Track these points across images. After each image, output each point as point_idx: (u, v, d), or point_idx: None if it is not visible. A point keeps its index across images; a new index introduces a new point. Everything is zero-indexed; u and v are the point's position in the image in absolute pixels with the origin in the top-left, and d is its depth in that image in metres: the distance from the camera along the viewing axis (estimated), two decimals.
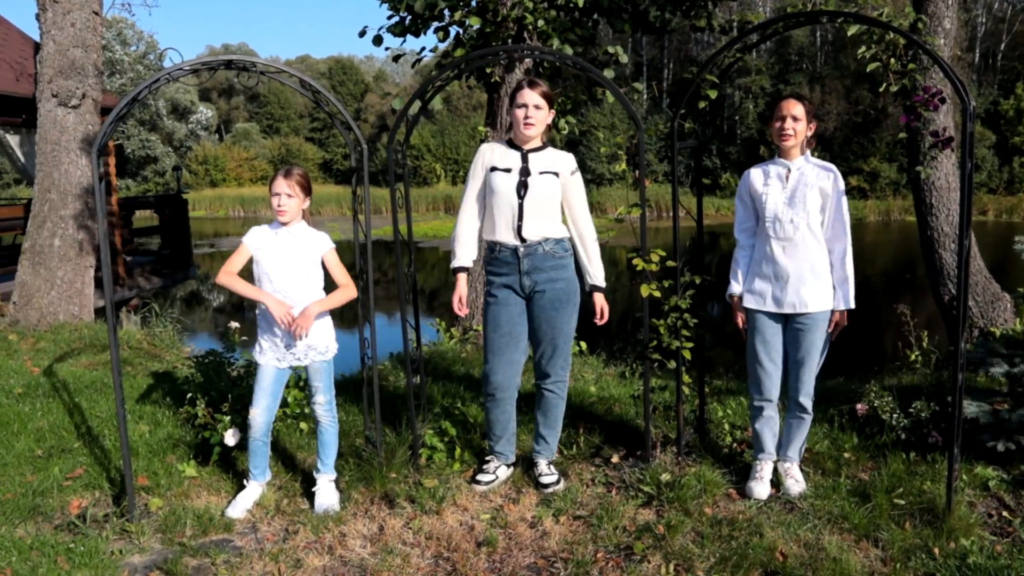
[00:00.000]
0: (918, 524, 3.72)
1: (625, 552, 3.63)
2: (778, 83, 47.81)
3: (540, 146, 4.14)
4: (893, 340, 6.92)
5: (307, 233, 4.05)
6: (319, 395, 4.15)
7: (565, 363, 4.25)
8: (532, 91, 4.01)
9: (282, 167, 4.05)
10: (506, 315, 4.14)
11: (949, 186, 6.78)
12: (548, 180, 4.05)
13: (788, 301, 3.94)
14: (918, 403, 4.53)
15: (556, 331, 4.15)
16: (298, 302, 3.99)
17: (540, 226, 4.06)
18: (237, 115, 72.90)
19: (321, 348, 4.08)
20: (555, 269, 4.09)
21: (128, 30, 50.80)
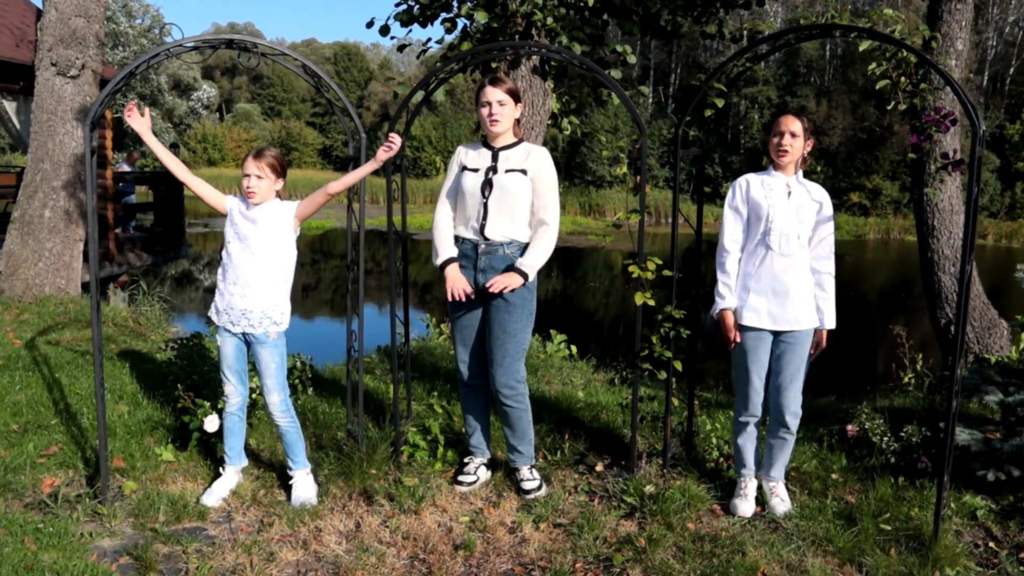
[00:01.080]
0: (903, 551, 3.66)
1: (604, 564, 3.56)
2: (785, 95, 47.84)
3: (513, 143, 4.06)
4: (886, 360, 6.89)
5: (273, 210, 3.92)
6: (272, 394, 3.98)
7: (517, 373, 4.07)
8: (495, 88, 3.96)
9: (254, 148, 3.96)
10: (465, 307, 4.13)
11: (952, 208, 6.74)
12: (514, 178, 3.96)
13: (785, 318, 3.88)
14: (909, 427, 4.48)
15: (507, 336, 4.02)
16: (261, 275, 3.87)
17: (504, 227, 3.98)
18: (239, 95, 72.66)
19: (277, 317, 3.93)
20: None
21: (134, 2, 50.53)
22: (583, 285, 22.57)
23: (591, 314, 18.89)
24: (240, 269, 3.90)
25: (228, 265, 3.93)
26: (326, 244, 31.10)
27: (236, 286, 3.90)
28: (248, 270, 3.89)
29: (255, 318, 3.90)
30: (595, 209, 44.52)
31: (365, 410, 4.48)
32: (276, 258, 3.92)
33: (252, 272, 3.89)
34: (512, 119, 4.01)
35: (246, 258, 3.89)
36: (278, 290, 3.94)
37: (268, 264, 3.91)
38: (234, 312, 3.91)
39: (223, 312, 3.94)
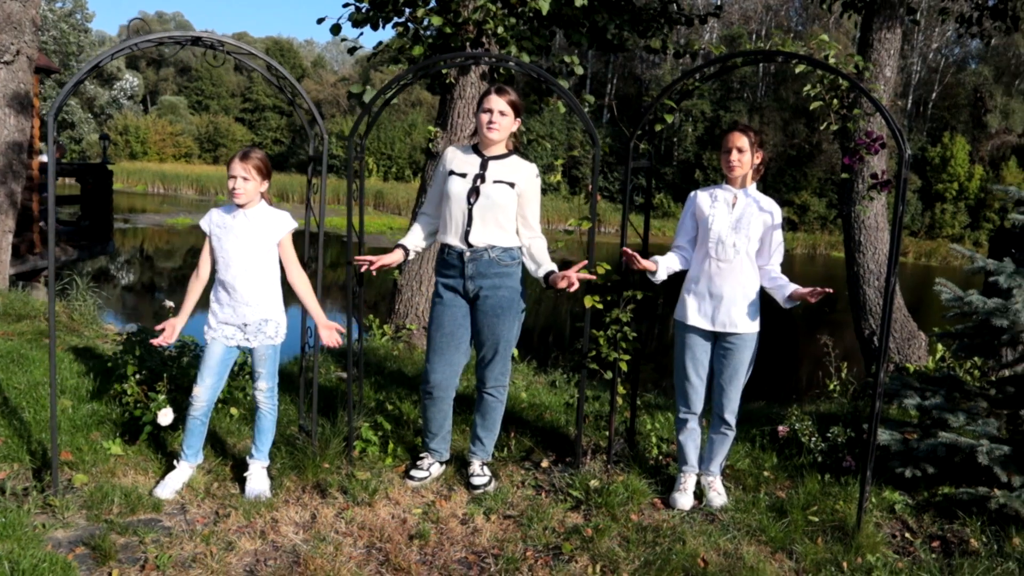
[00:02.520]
0: (829, 540, 3.94)
1: (554, 552, 3.74)
2: (718, 109, 48.93)
3: (504, 153, 4.18)
4: (813, 370, 7.25)
5: (265, 215, 4.04)
6: (262, 381, 4.14)
7: (504, 368, 4.32)
8: (499, 97, 4.06)
9: (240, 149, 4.04)
10: (449, 316, 4.21)
11: (878, 225, 7.15)
12: (501, 189, 4.08)
13: (720, 320, 4.13)
14: (835, 428, 4.79)
15: (497, 337, 4.20)
16: (253, 286, 3.99)
17: (489, 234, 4.10)
18: (165, 87, 70.78)
19: (271, 332, 4.08)
20: (499, 276, 4.14)
21: None
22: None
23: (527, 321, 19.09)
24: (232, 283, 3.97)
25: (220, 282, 4.02)
26: None
27: (230, 304, 4.00)
28: (240, 280, 3.97)
29: (251, 332, 4.03)
30: None
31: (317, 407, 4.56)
32: (263, 262, 4.01)
33: (244, 281, 3.97)
34: (509, 131, 4.12)
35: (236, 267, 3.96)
36: (272, 299, 4.06)
37: (259, 267, 4.00)
38: (230, 328, 4.03)
39: (217, 327, 4.05)
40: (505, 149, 4.20)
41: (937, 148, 46.33)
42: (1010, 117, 46.66)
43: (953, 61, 51.86)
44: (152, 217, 35.65)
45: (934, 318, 4.44)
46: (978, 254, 4.66)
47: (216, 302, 4.04)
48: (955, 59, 52.10)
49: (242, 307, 3.99)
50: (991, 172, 45.88)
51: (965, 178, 45.32)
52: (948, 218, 45.31)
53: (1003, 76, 48.78)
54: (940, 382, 4.87)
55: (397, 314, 7.81)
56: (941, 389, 4.76)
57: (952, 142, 46.24)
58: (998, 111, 47.09)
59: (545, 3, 5.97)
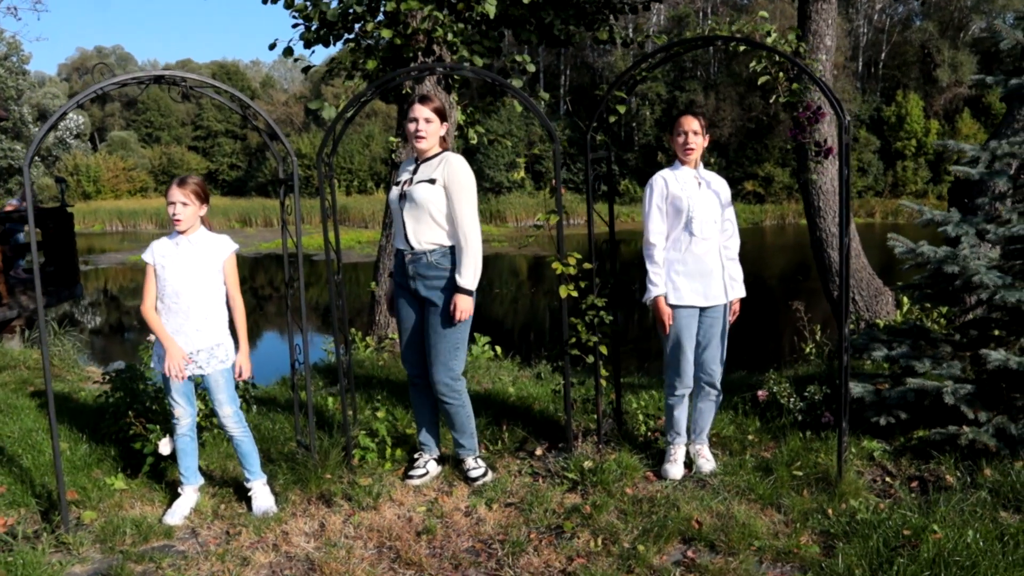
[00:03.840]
0: (814, 491, 4.16)
1: (556, 531, 3.91)
2: (673, 90, 49.26)
3: (435, 154, 4.31)
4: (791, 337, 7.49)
5: (207, 239, 4.14)
6: (224, 407, 4.18)
7: (450, 372, 4.32)
8: (423, 106, 4.23)
9: (176, 176, 4.14)
10: (405, 312, 4.45)
11: (835, 190, 7.37)
12: (423, 188, 4.20)
13: (712, 294, 4.34)
14: (812, 387, 5.01)
15: (438, 337, 4.29)
16: (203, 311, 4.08)
17: (423, 234, 4.23)
18: (112, 122, 69.79)
19: (222, 356, 4.15)
20: (438, 279, 4.25)
21: None
22: (490, 292, 22.77)
23: (501, 321, 19.22)
24: (180, 311, 4.05)
25: (166, 312, 4.08)
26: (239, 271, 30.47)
27: (179, 333, 4.07)
28: (189, 308, 4.05)
29: (202, 359, 4.11)
30: (496, 216, 44.63)
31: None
32: (212, 287, 4.11)
33: (193, 308, 4.06)
34: (438, 136, 4.29)
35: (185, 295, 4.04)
36: (221, 323, 4.14)
37: (206, 292, 4.09)
38: (199, 357, 4.10)
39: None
40: (439, 149, 4.33)
41: (892, 107, 47.12)
42: (959, 70, 47.55)
43: (898, 20, 52.77)
44: (113, 256, 35.23)
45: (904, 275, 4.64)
46: (926, 207, 4.89)
47: None
48: (899, 17, 53.03)
49: (192, 334, 4.07)
50: (946, 125, 46.74)
51: (922, 134, 46.15)
52: (910, 175, 46.08)
53: (947, 30, 49.68)
54: (906, 333, 5.10)
55: (378, 325, 7.93)
56: (908, 339, 4.99)
57: (906, 100, 47.03)
58: (947, 65, 47.97)
59: (492, 6, 6.13)
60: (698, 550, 3.69)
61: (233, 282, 4.19)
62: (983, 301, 4.83)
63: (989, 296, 4.56)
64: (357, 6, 6.48)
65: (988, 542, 3.45)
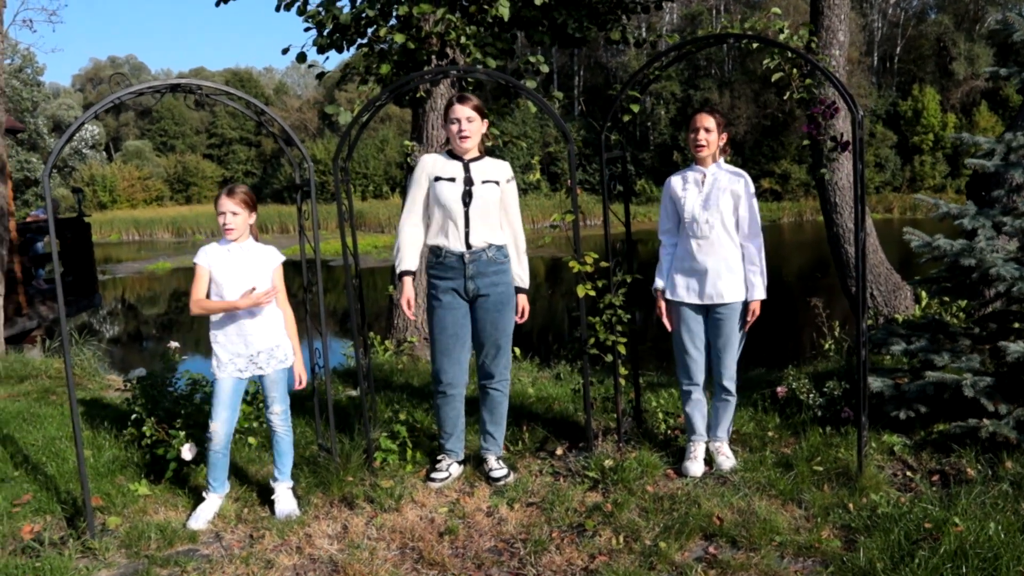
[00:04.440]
0: (835, 486, 4.17)
1: (578, 529, 3.93)
2: (688, 88, 49.04)
3: (478, 156, 4.39)
4: (809, 334, 7.46)
5: (257, 248, 4.23)
6: (276, 405, 4.30)
7: (507, 362, 4.55)
8: (463, 106, 4.27)
9: (225, 186, 4.20)
10: (451, 318, 4.39)
11: (850, 185, 7.32)
12: (490, 189, 4.32)
13: (707, 293, 4.35)
14: (831, 383, 5.00)
15: (499, 332, 4.43)
16: (261, 314, 4.16)
17: (484, 233, 4.32)
18: (127, 132, 70.37)
19: (281, 356, 4.25)
20: (497, 274, 4.37)
21: None
22: None
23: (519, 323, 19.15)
24: (238, 315, 4.13)
25: (225, 317, 4.15)
26: None
27: (239, 336, 4.15)
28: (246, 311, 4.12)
29: (262, 360, 4.19)
30: None
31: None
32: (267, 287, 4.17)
33: (250, 312, 4.13)
34: (480, 134, 4.34)
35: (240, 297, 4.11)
36: (276, 326, 4.22)
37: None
38: (241, 360, 4.17)
39: (228, 363, 4.18)
40: (478, 152, 4.41)
41: (908, 101, 46.69)
42: (975, 62, 47.07)
43: (912, 13, 52.34)
44: (131, 265, 35.43)
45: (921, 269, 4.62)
46: (942, 200, 4.88)
47: (223, 336, 4.18)
48: (914, 11, 52.61)
49: (251, 336, 4.15)
50: (964, 119, 46.27)
51: (939, 128, 45.67)
52: (928, 169, 45.63)
53: (963, 23, 49.22)
54: (925, 327, 5.09)
55: (397, 329, 7.97)
56: (926, 333, 4.98)
57: (922, 93, 46.56)
58: (963, 58, 47.50)
59: (505, 8, 6.16)
60: (720, 546, 3.70)
61: (282, 292, 4.28)
62: (1001, 294, 4.82)
63: (1007, 288, 4.54)
64: (369, 10, 6.53)
65: (1010, 534, 3.44)
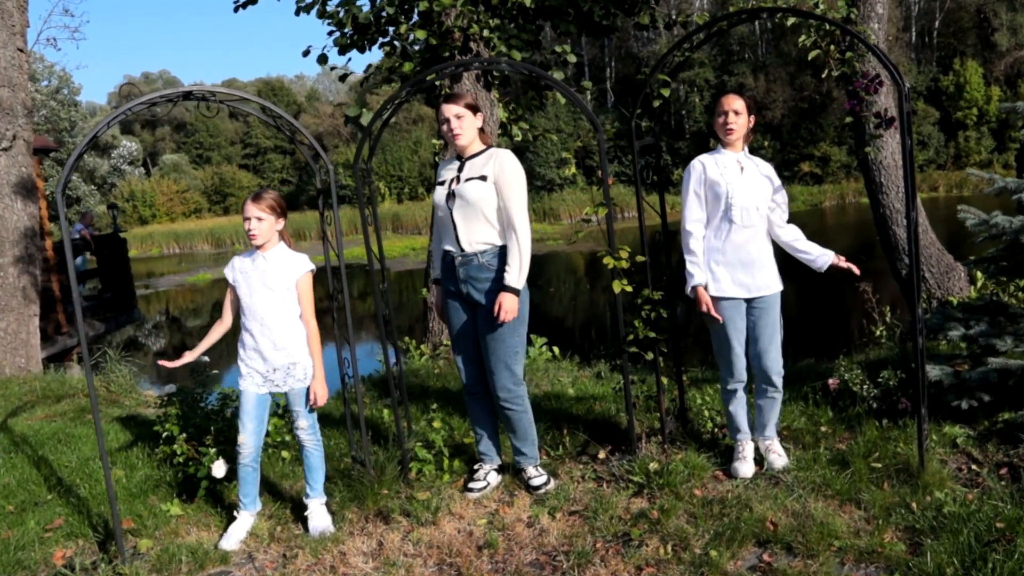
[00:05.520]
0: (895, 483, 3.91)
1: (623, 539, 3.72)
2: (722, 74, 48.37)
3: (479, 151, 4.16)
4: (859, 321, 7.17)
5: (283, 257, 4.05)
6: (301, 419, 4.14)
7: (512, 377, 4.18)
8: (451, 104, 4.08)
9: (251, 192, 4.05)
10: (457, 319, 4.27)
11: (896, 164, 7.04)
12: (473, 185, 4.04)
13: (756, 285, 4.11)
14: (886, 373, 4.73)
15: (496, 343, 4.12)
16: (278, 329, 4.00)
17: (475, 234, 4.07)
18: (163, 146, 71.25)
19: (300, 375, 4.07)
20: (490, 281, 4.09)
21: (37, 64, 49.27)
22: (547, 292, 22.45)
23: (561, 320, 19.01)
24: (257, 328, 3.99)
25: (244, 330, 4.05)
26: None
27: (256, 351, 4.02)
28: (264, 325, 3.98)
29: (279, 378, 4.04)
30: (550, 214, 44.32)
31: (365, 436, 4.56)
32: (285, 305, 4.01)
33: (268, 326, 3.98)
34: (474, 129, 4.13)
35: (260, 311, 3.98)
36: (295, 344, 4.04)
37: (281, 310, 4.00)
38: (258, 376, 4.04)
39: (247, 376, 4.07)
40: (482, 145, 4.18)
41: (950, 76, 45.50)
42: (1019, 33, 45.71)
43: None
44: (172, 279, 35.80)
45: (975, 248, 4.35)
46: (997, 175, 4.59)
47: (243, 349, 4.06)
48: None
49: (269, 352, 4.00)
50: (1008, 91, 44.93)
51: (983, 102, 44.41)
52: (973, 145, 44.45)
53: None
54: (983, 309, 4.80)
55: (432, 332, 7.82)
56: (985, 316, 4.70)
57: (964, 67, 45.33)
58: (1005, 28, 46.11)
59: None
60: (774, 553, 3.48)
61: (307, 303, 4.06)
62: None
63: None
64: (389, 7, 6.37)
65: None
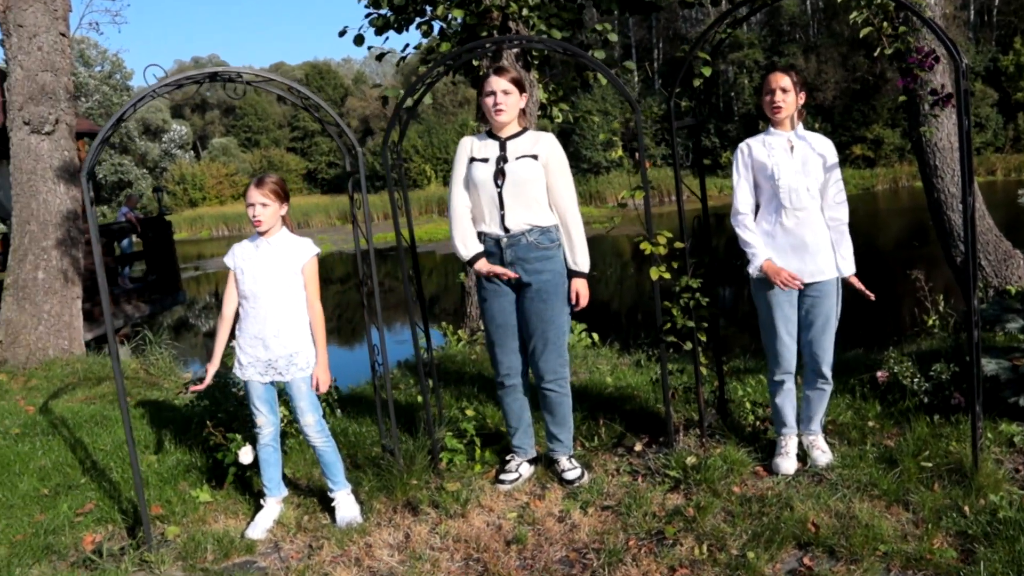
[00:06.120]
0: (947, 484, 3.69)
1: (657, 537, 3.58)
2: (772, 55, 47.49)
3: (518, 131, 4.03)
4: (910, 308, 6.90)
5: (288, 242, 3.95)
6: (306, 416, 3.99)
7: (560, 358, 4.11)
8: (499, 77, 3.94)
9: (253, 178, 3.96)
10: (498, 306, 4.10)
11: (952, 146, 6.72)
12: (526, 164, 3.93)
13: (809, 271, 3.91)
14: (938, 365, 4.49)
15: (546, 324, 4.03)
16: (281, 316, 3.89)
17: (523, 214, 3.95)
18: (213, 130, 72.22)
19: (302, 364, 3.94)
20: (540, 260, 3.98)
21: (91, 50, 50.11)
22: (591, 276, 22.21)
23: (607, 303, 18.81)
24: (259, 316, 3.89)
25: (245, 318, 3.94)
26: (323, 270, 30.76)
27: (258, 339, 3.91)
28: (267, 312, 3.88)
29: (281, 366, 3.92)
30: (596, 196, 44.01)
31: (397, 423, 4.47)
32: (289, 291, 3.91)
33: (271, 313, 3.88)
34: (517, 108, 3.99)
35: (263, 299, 3.88)
36: (298, 332, 3.93)
37: (285, 297, 3.90)
38: (259, 364, 3.93)
39: (248, 366, 3.96)
40: (519, 127, 4.05)
41: (1009, 56, 43.98)
42: None
43: None
44: (220, 261, 36.06)
45: None
46: None
47: (243, 340, 3.95)
48: None
49: (271, 340, 3.88)
50: None
51: None
52: None
53: None
54: None
55: (470, 317, 7.72)
56: None
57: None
58: None
59: None
60: (816, 556, 3.30)
61: (312, 288, 3.97)
62: None
63: None
64: None
65: None
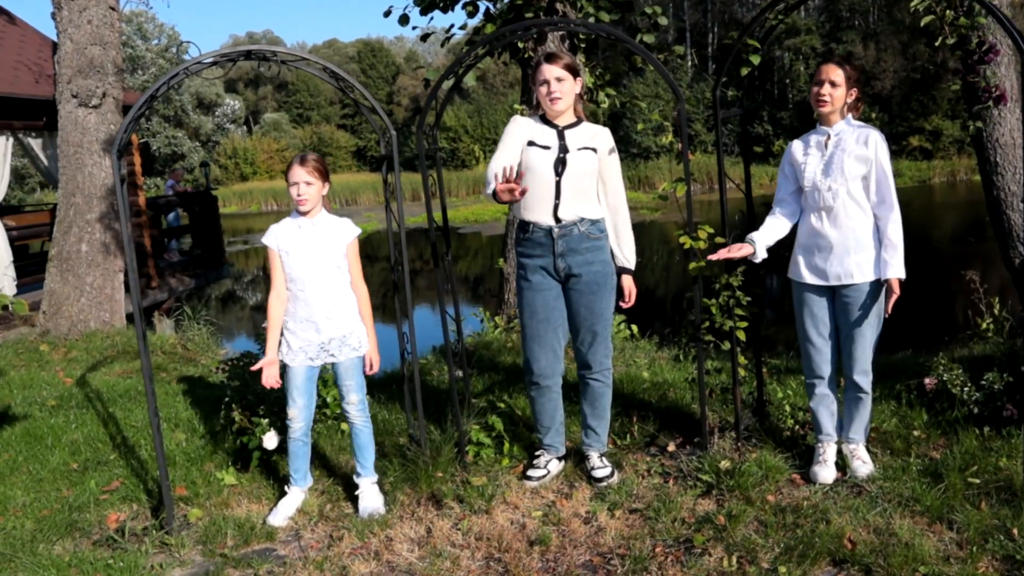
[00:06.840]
0: (995, 504, 3.49)
1: (685, 545, 3.44)
2: (829, 42, 46.42)
3: (575, 121, 3.92)
4: (963, 309, 6.61)
5: (331, 223, 3.88)
6: (351, 394, 3.97)
7: (607, 349, 4.05)
8: (552, 65, 3.81)
9: (296, 156, 3.88)
10: (541, 300, 3.96)
11: (1014, 143, 6.41)
12: (586, 156, 3.84)
13: (833, 272, 3.74)
14: (991, 374, 4.25)
15: (595, 316, 3.94)
16: (331, 298, 3.83)
17: (577, 206, 3.85)
18: (265, 105, 72.86)
19: (355, 344, 3.91)
20: (591, 251, 3.88)
21: (148, 24, 50.69)
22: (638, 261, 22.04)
23: (652, 291, 18.59)
24: (308, 299, 3.82)
25: (294, 301, 3.87)
26: (370, 248, 30.69)
27: (310, 322, 3.85)
28: (317, 295, 3.81)
29: (334, 347, 3.88)
30: (644, 182, 43.55)
31: (426, 412, 4.38)
32: (338, 272, 3.86)
33: (321, 295, 3.82)
34: (573, 95, 3.87)
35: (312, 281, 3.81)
36: (349, 312, 3.89)
37: (334, 277, 3.85)
38: (312, 347, 3.87)
39: (299, 351, 3.89)
40: (574, 117, 3.93)
41: None
42: None
43: None
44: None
45: None
46: None
47: (294, 323, 3.88)
48: None
49: (323, 322, 3.83)
50: None
51: None
52: None
53: None
54: None
55: (508, 304, 7.62)
56: None
57: None
58: None
59: None
60: (851, 575, 3.14)
61: (356, 269, 3.93)
62: None
63: None
64: None
65: None
